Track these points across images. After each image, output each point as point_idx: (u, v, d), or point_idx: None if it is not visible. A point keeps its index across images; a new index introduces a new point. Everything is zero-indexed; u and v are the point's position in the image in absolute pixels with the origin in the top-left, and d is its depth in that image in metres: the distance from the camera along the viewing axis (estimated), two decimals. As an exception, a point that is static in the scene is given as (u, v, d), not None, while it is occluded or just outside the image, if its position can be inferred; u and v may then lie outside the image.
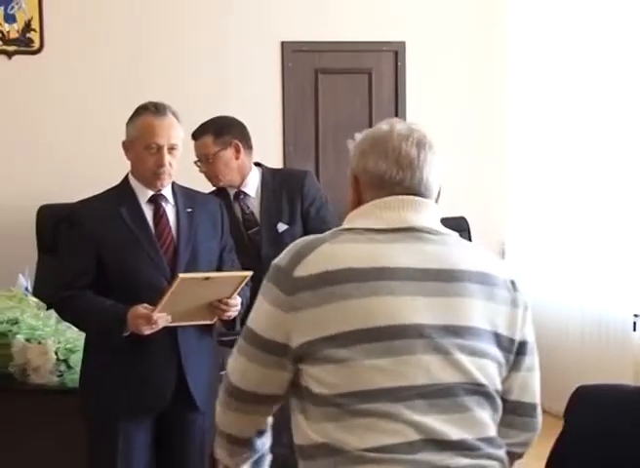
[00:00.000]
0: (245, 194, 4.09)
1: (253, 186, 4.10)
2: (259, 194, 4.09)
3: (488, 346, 1.95)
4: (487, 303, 1.97)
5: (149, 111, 3.24)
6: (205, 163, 4.03)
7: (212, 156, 4.00)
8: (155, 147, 3.21)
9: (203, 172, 4.06)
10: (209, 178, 4.07)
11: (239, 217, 4.06)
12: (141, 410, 3.25)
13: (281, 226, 4.04)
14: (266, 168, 4.18)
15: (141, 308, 3.11)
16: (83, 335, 3.45)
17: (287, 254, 2.00)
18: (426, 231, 2.03)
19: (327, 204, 4.16)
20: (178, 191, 3.35)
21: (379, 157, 2.03)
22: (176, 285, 3.02)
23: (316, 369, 1.91)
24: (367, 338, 1.89)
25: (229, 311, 3.20)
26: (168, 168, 3.23)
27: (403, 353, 1.89)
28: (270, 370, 1.98)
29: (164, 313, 3.10)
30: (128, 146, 3.28)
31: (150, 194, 3.29)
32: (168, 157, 3.22)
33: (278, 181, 4.10)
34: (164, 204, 3.31)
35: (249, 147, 4.08)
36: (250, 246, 3.98)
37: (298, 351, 1.94)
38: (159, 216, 3.29)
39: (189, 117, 3.33)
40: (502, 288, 2.01)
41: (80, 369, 3.41)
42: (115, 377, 3.21)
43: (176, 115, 3.27)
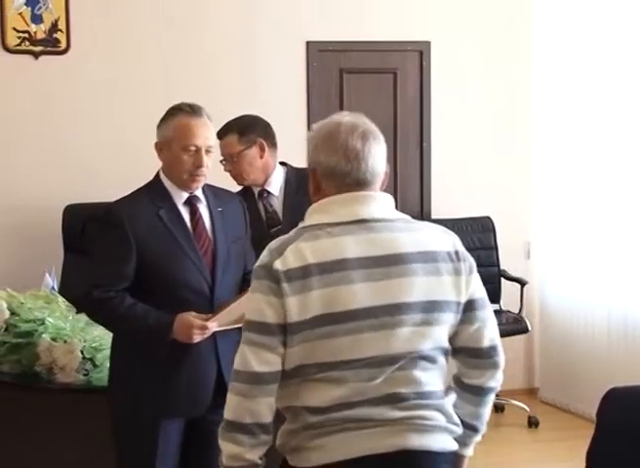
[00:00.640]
0: (268, 193, 4.09)
1: (276, 185, 4.10)
2: (282, 193, 4.09)
3: (430, 315, 2.31)
4: (429, 278, 2.32)
5: (185, 112, 3.21)
6: (230, 162, 4.04)
7: (236, 155, 4.00)
8: (194, 149, 3.19)
9: (228, 170, 4.07)
10: (234, 177, 4.08)
11: (262, 216, 4.06)
12: (184, 412, 3.23)
13: None
14: (291, 167, 4.18)
15: (192, 318, 3.11)
16: (109, 334, 3.43)
17: (266, 255, 2.32)
18: (375, 221, 2.35)
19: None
20: (207, 191, 3.34)
21: (329, 152, 2.37)
22: (241, 298, 3.02)
23: (294, 347, 2.28)
24: (330, 322, 2.26)
25: None
26: (205, 170, 3.22)
27: (357, 332, 2.26)
28: (275, 351, 2.29)
29: (216, 322, 3.12)
30: (162, 147, 3.24)
31: (186, 196, 3.26)
32: (205, 158, 3.20)
33: (301, 180, 4.10)
34: (199, 205, 3.30)
35: (273, 146, 4.08)
36: None
37: (287, 329, 2.28)
38: (196, 219, 3.27)
39: (215, 117, 3.33)
40: (445, 260, 2.35)
41: (111, 369, 3.37)
42: (156, 378, 3.17)
43: (209, 116, 3.26)
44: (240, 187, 4.10)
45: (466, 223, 6.22)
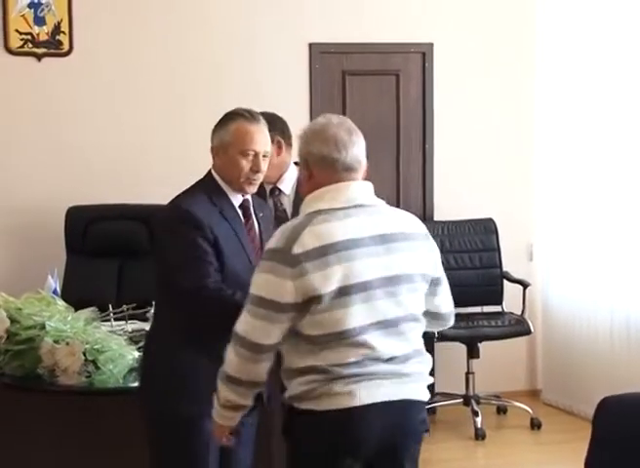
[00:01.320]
0: (280, 191, 4.12)
1: (288, 184, 4.12)
2: (293, 192, 4.11)
3: (419, 284, 2.78)
4: (415, 254, 2.78)
5: (244, 117, 3.25)
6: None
7: None
8: (252, 153, 3.24)
9: None
10: None
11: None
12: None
13: None
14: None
15: None
16: (111, 336, 3.41)
17: (280, 240, 2.69)
18: (368, 206, 2.77)
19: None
20: (250, 196, 3.38)
21: (321, 143, 2.76)
22: None
23: (307, 317, 2.64)
24: (348, 293, 2.63)
25: None
26: (261, 175, 3.28)
27: (367, 301, 2.66)
28: (281, 327, 2.65)
29: None
30: (219, 151, 3.27)
31: (241, 199, 3.31)
32: (262, 163, 3.26)
33: None
34: (251, 209, 3.35)
35: (289, 145, 4.09)
36: None
37: (300, 307, 2.63)
38: (251, 222, 3.33)
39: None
40: (422, 240, 2.83)
41: (151, 369, 3.30)
42: (214, 377, 2.95)
43: (265, 122, 3.31)
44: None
45: (469, 225, 6.22)
